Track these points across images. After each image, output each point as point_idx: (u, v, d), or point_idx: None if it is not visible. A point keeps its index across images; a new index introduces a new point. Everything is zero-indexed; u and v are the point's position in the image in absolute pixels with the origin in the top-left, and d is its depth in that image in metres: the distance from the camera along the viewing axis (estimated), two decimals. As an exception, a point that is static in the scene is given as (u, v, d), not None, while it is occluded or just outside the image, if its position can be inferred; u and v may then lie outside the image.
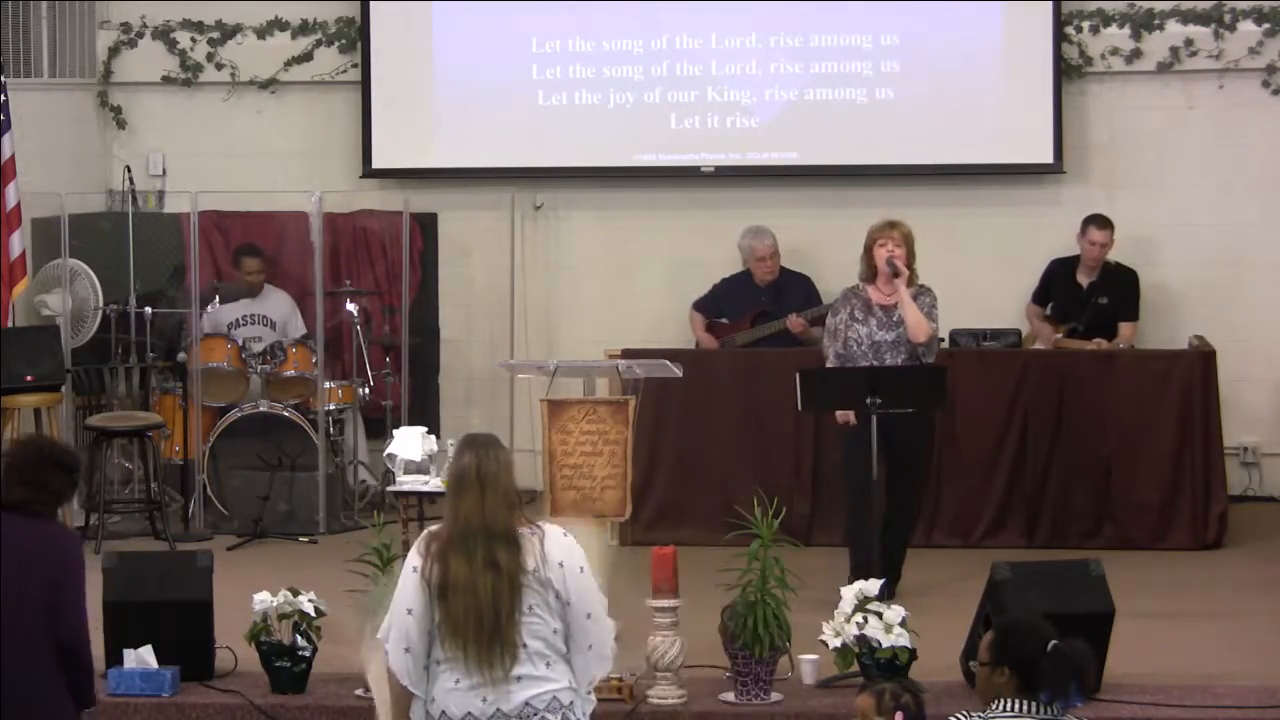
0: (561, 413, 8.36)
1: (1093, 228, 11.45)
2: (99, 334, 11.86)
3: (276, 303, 12.14)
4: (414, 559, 5.60)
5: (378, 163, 12.65)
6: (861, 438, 9.16)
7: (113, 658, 7.72)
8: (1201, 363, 10.94)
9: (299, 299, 12.14)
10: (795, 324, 11.56)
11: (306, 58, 12.75)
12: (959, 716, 5.19)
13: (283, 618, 7.81)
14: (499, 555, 5.51)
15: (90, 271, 11.75)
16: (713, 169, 12.43)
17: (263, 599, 7.85)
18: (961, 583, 9.10)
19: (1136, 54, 12.13)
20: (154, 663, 7.75)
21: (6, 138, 11.23)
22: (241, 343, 11.68)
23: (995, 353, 11.20)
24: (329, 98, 12.80)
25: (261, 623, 7.82)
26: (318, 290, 11.59)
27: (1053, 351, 11.25)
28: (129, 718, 7.63)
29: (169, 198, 12.74)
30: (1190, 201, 12.11)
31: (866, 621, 7.64)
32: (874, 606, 7.70)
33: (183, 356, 11.60)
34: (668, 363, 8.88)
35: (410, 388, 12.27)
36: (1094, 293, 11.47)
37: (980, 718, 5.15)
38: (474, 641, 5.49)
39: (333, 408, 11.59)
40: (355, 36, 12.69)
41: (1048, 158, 12.09)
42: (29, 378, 11.06)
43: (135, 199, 12.51)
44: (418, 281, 12.50)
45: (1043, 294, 11.70)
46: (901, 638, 7.62)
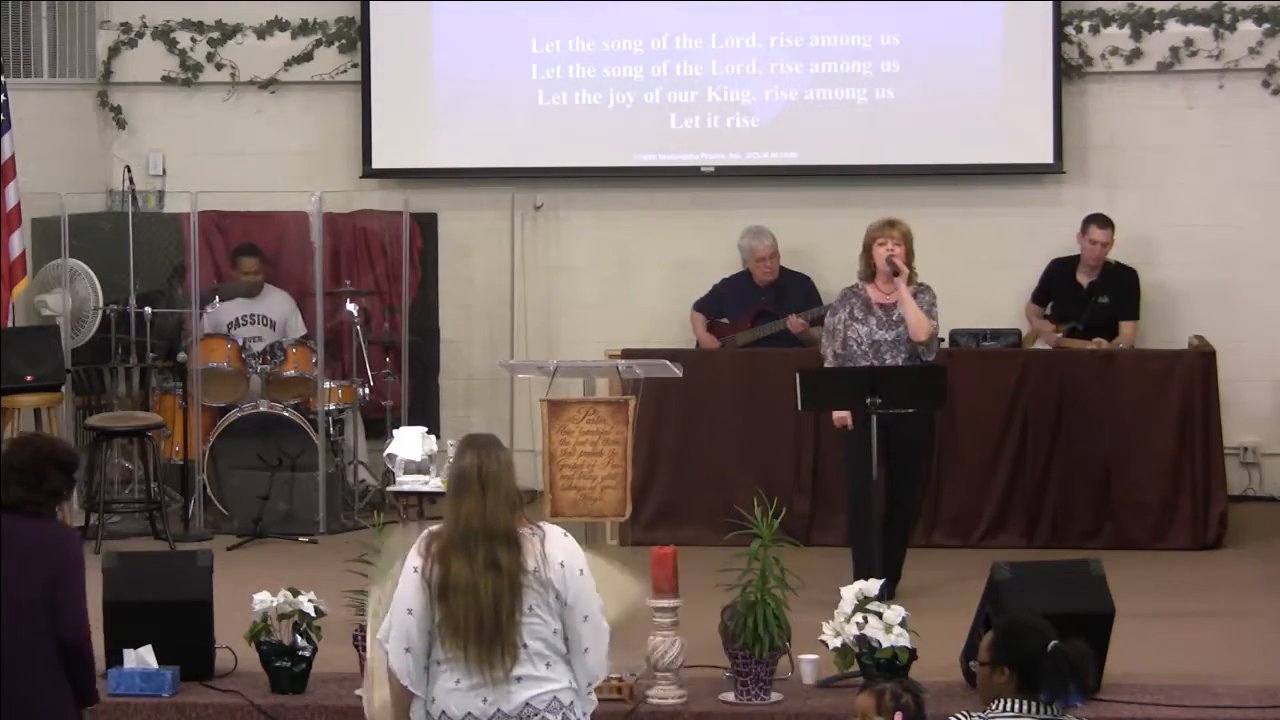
0: (561, 413, 8.36)
1: (1093, 227, 11.45)
2: (99, 334, 11.86)
3: (276, 303, 12.14)
4: (414, 559, 5.60)
5: (378, 163, 12.65)
6: (862, 438, 9.16)
7: (113, 658, 7.72)
8: (1201, 363, 10.94)
9: (299, 299, 12.14)
10: (795, 324, 11.56)
11: (306, 58, 12.75)
12: (959, 716, 5.19)
13: (283, 618, 7.81)
14: (500, 556, 5.51)
15: (90, 271, 11.75)
16: (713, 169, 12.43)
17: (263, 599, 7.85)
18: (961, 583, 9.10)
19: (1136, 54, 12.12)
20: (154, 663, 7.75)
21: (6, 138, 11.23)
22: (241, 343, 11.67)
23: (995, 353, 11.20)
24: (329, 98, 12.80)
25: (261, 623, 7.82)
26: (318, 290, 11.58)
27: (1053, 351, 11.25)
28: (129, 718, 7.64)
29: (169, 198, 12.74)
30: (1190, 201, 12.11)
31: (866, 621, 7.65)
32: (874, 606, 7.70)
33: (183, 356, 11.59)
34: (668, 363, 8.89)
35: (410, 388, 12.26)
36: (1094, 292, 11.47)
37: (980, 718, 5.15)
38: (475, 642, 5.49)
39: (333, 408, 11.59)
40: (355, 36, 12.68)
41: (1048, 158, 12.09)
42: (29, 378, 11.07)
43: (135, 199, 12.50)
44: (418, 281, 12.50)
45: (1043, 294, 11.71)
46: (901, 638, 7.62)
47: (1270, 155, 12.04)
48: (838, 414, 9.60)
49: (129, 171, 12.53)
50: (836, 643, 7.67)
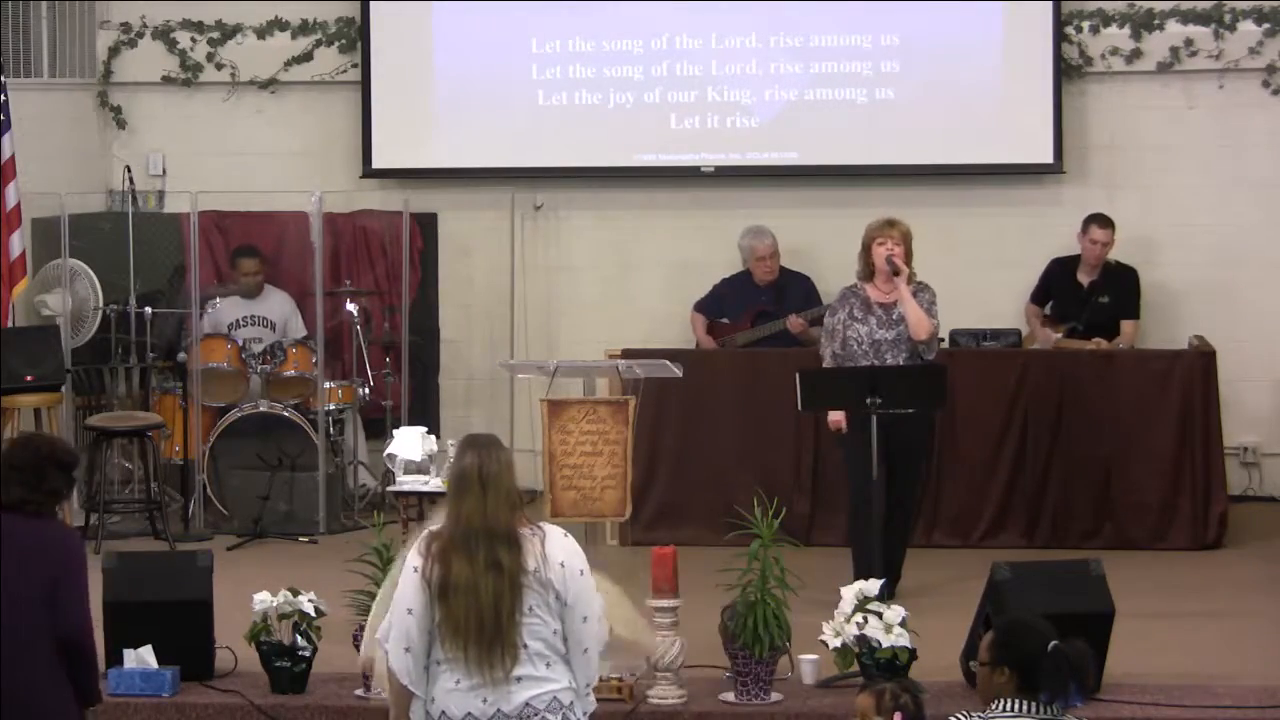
0: (561, 413, 8.36)
1: (1094, 227, 11.45)
2: (99, 334, 11.86)
3: (276, 304, 12.13)
4: (414, 559, 5.60)
5: (378, 163, 12.65)
6: (862, 438, 9.16)
7: (113, 658, 7.72)
8: (1201, 363, 10.94)
9: (299, 299, 12.14)
10: (795, 324, 11.56)
11: (306, 58, 12.75)
12: (959, 716, 5.19)
13: (283, 618, 7.81)
14: (501, 556, 5.51)
15: (90, 271, 11.75)
16: (713, 169, 12.42)
17: (263, 599, 7.85)
18: (961, 583, 9.10)
19: (1136, 54, 12.12)
20: (154, 663, 7.75)
21: (6, 138, 11.23)
22: (241, 343, 11.67)
23: (995, 353, 11.20)
24: (329, 98, 12.79)
25: (261, 623, 7.82)
26: (318, 290, 11.58)
27: (1053, 351, 11.24)
28: (129, 718, 7.63)
29: (169, 198, 12.73)
30: (1190, 201, 12.11)
31: (866, 621, 7.64)
32: (874, 606, 7.70)
33: (183, 356, 11.59)
34: (668, 363, 8.89)
35: (410, 388, 12.26)
36: (1095, 292, 11.46)
37: (980, 718, 5.15)
38: (475, 642, 5.49)
39: (333, 408, 11.59)
40: (355, 36, 12.68)
41: (1048, 158, 12.09)
42: (29, 378, 11.07)
43: (135, 199, 12.50)
44: (418, 281, 12.50)
45: (1042, 293, 11.70)
46: (901, 638, 7.62)
47: (1270, 155, 12.04)
48: (832, 418, 9.61)
49: (129, 171, 12.53)
50: (836, 643, 7.67)
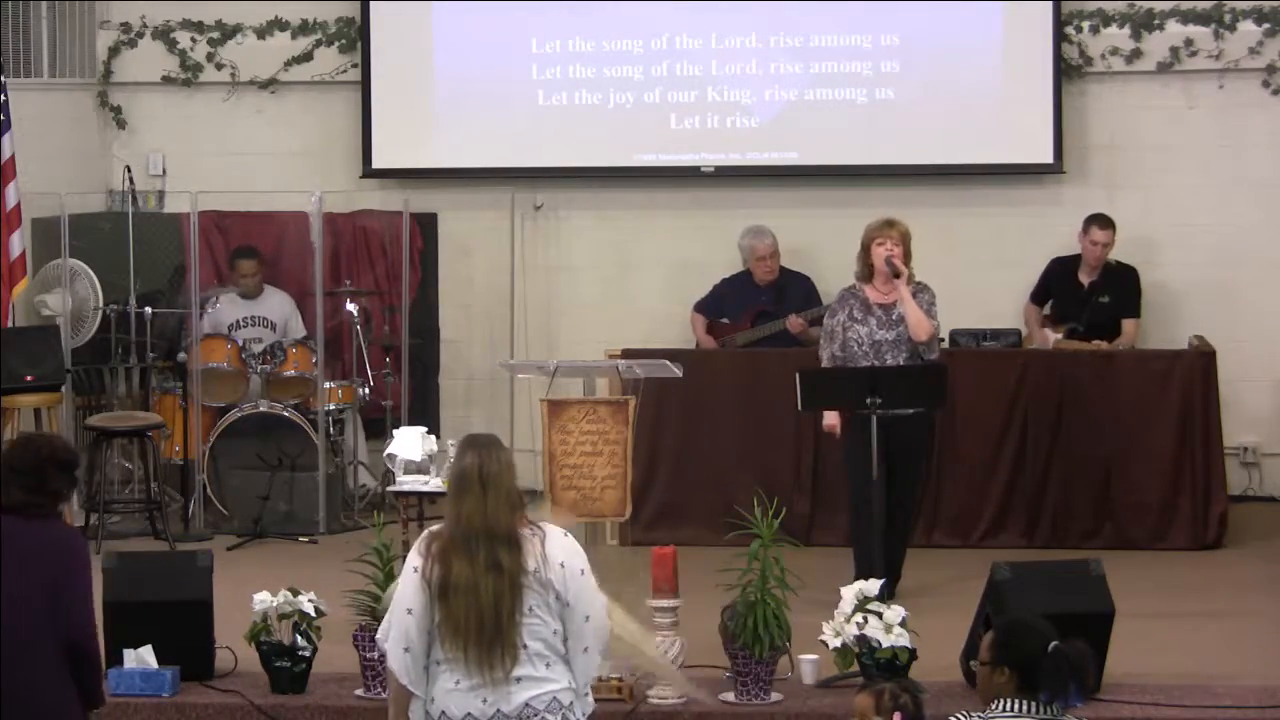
0: (561, 413, 8.36)
1: (1095, 227, 11.44)
2: (99, 334, 11.86)
3: (276, 304, 12.13)
4: (414, 559, 5.60)
5: (378, 163, 12.64)
6: (862, 438, 9.16)
7: (113, 658, 7.72)
8: (1201, 363, 10.94)
9: (299, 299, 12.14)
10: (795, 324, 11.56)
11: (306, 58, 12.74)
12: (959, 716, 5.19)
13: (283, 618, 7.81)
14: (501, 556, 5.51)
15: (90, 271, 11.75)
16: (713, 169, 12.42)
17: (263, 599, 7.85)
18: (961, 583, 9.10)
19: (1136, 54, 12.12)
20: (154, 663, 7.75)
21: (6, 138, 11.23)
22: (241, 343, 11.67)
23: (995, 353, 11.20)
24: (329, 98, 12.79)
25: (261, 623, 7.82)
26: (318, 290, 11.58)
27: (1053, 351, 11.23)
28: (129, 718, 7.63)
29: (169, 198, 12.73)
30: (1190, 201, 12.11)
31: (866, 621, 7.65)
32: (874, 606, 7.70)
33: (183, 356, 11.59)
34: (668, 363, 8.89)
35: (410, 388, 12.26)
36: (1095, 292, 11.46)
37: (980, 718, 5.15)
38: (475, 642, 5.48)
39: (333, 408, 11.59)
40: (355, 36, 12.68)
41: (1048, 158, 12.09)
42: (29, 378, 11.07)
43: (135, 199, 12.50)
44: (418, 281, 12.49)
45: (1042, 293, 11.70)
46: (901, 638, 7.62)
47: (1270, 155, 12.04)
48: (827, 421, 9.61)
49: (129, 171, 12.53)
50: (836, 643, 7.67)
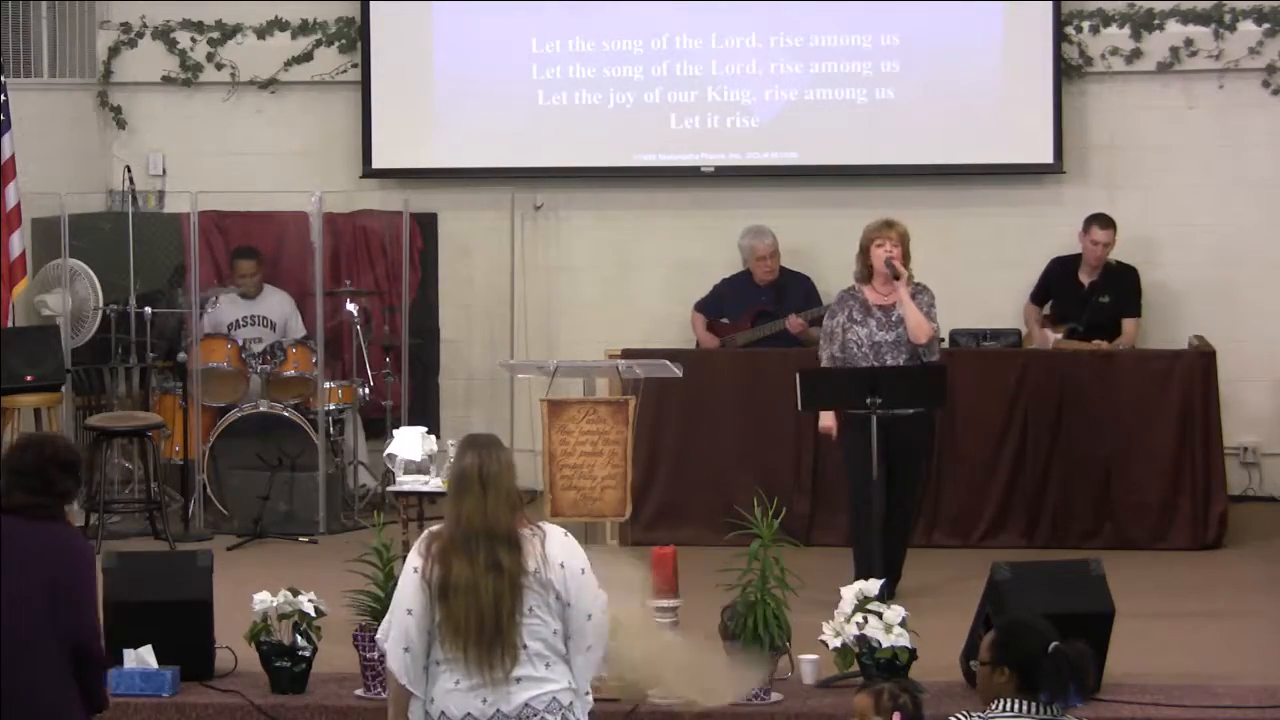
0: (561, 413, 8.37)
1: (1095, 227, 11.44)
2: (99, 334, 11.86)
3: (276, 304, 12.13)
4: (414, 559, 5.60)
5: (378, 163, 12.64)
6: (862, 438, 9.16)
7: (113, 658, 7.70)
8: (1201, 363, 10.94)
9: (299, 299, 12.14)
10: (794, 324, 11.56)
11: (306, 58, 12.74)
12: (959, 716, 5.19)
13: (283, 618, 7.81)
14: (501, 556, 5.51)
15: (90, 271, 11.75)
16: (713, 169, 12.42)
17: (263, 599, 7.85)
18: (961, 583, 9.10)
19: (1136, 54, 12.12)
20: (154, 663, 7.75)
21: (6, 138, 11.23)
22: (241, 343, 11.67)
23: (995, 353, 11.20)
24: (329, 98, 12.79)
25: (261, 623, 7.82)
26: (318, 290, 11.58)
27: (1053, 351, 11.23)
28: (129, 718, 7.63)
29: (169, 198, 12.73)
30: (1190, 201, 12.11)
31: (866, 621, 7.65)
32: (874, 606, 7.70)
33: (183, 356, 11.59)
34: (668, 363, 8.89)
35: (410, 388, 12.26)
36: (1095, 292, 11.46)
37: (980, 718, 5.15)
38: (474, 643, 5.49)
39: (333, 408, 11.59)
40: (355, 36, 12.68)
41: (1048, 158, 12.09)
42: (29, 378, 11.07)
43: (135, 199, 12.50)
44: (418, 281, 12.49)
45: (1042, 293, 11.70)
46: (901, 638, 7.62)
47: (1270, 155, 12.04)
48: (823, 424, 9.62)
49: (129, 171, 12.53)
50: (836, 643, 7.67)
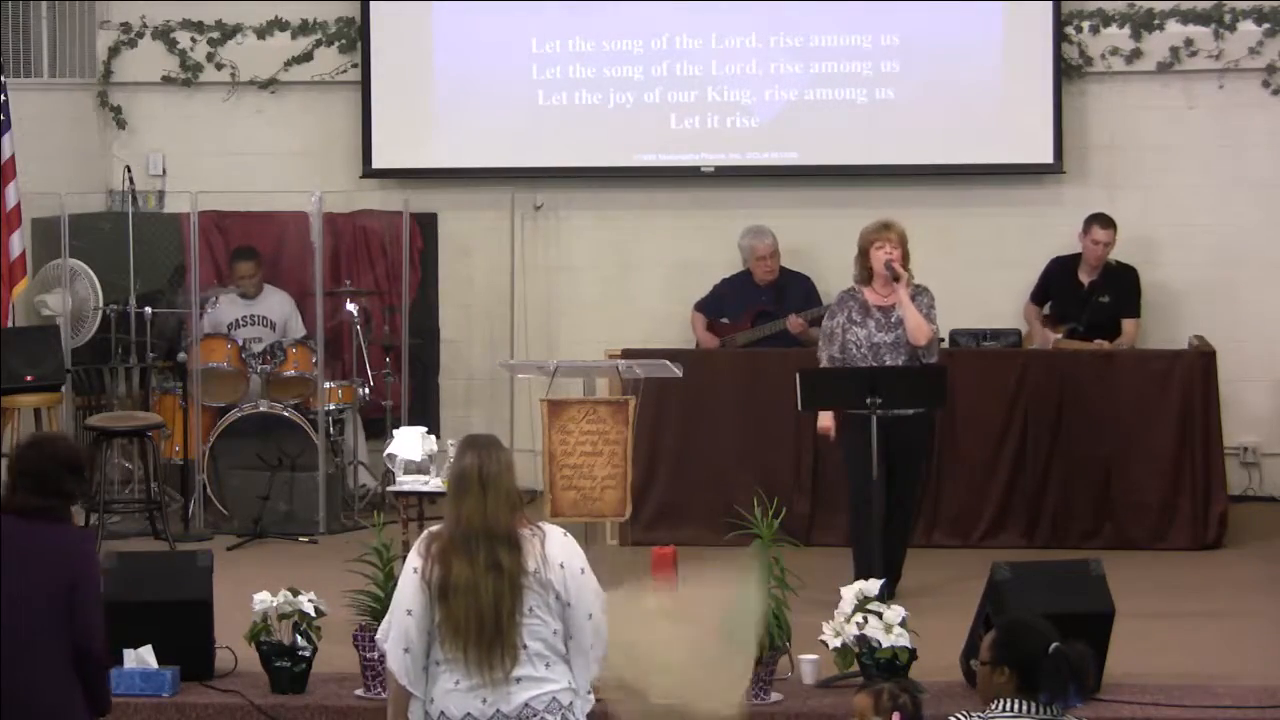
0: (561, 413, 8.37)
1: (1096, 227, 11.44)
2: (99, 334, 11.86)
3: (276, 304, 12.13)
4: (414, 560, 5.60)
5: (378, 163, 12.64)
6: (862, 438, 9.16)
7: (113, 658, 7.70)
8: (1201, 363, 10.94)
9: (299, 299, 12.14)
10: (794, 324, 11.56)
11: (306, 58, 12.74)
12: (959, 716, 5.19)
13: (283, 618, 7.82)
14: (501, 557, 5.51)
15: (90, 271, 11.76)
16: (713, 169, 12.42)
17: (263, 599, 7.85)
18: (961, 583, 9.10)
19: (1136, 54, 12.12)
20: (154, 663, 7.76)
21: (6, 138, 11.23)
22: (241, 343, 11.67)
23: (995, 353, 11.21)
24: (329, 98, 12.79)
25: (261, 623, 7.82)
26: (318, 290, 11.58)
27: (1053, 351, 11.23)
28: (129, 718, 7.63)
29: (169, 198, 12.73)
30: (1190, 201, 12.11)
31: (866, 621, 7.65)
32: (874, 606, 7.70)
33: (183, 356, 11.59)
34: (668, 363, 8.90)
35: (410, 388, 12.26)
36: (1095, 291, 11.46)
37: (980, 718, 5.15)
38: (474, 643, 5.49)
39: (333, 408, 11.59)
40: (355, 36, 12.68)
41: (1048, 158, 12.09)
42: (29, 378, 11.07)
43: (135, 199, 12.50)
44: (418, 281, 12.49)
45: (1041, 293, 11.70)
46: (901, 638, 7.63)
47: (1270, 155, 12.04)
48: (821, 424, 9.62)
49: (129, 171, 12.53)
50: (836, 643, 7.67)
